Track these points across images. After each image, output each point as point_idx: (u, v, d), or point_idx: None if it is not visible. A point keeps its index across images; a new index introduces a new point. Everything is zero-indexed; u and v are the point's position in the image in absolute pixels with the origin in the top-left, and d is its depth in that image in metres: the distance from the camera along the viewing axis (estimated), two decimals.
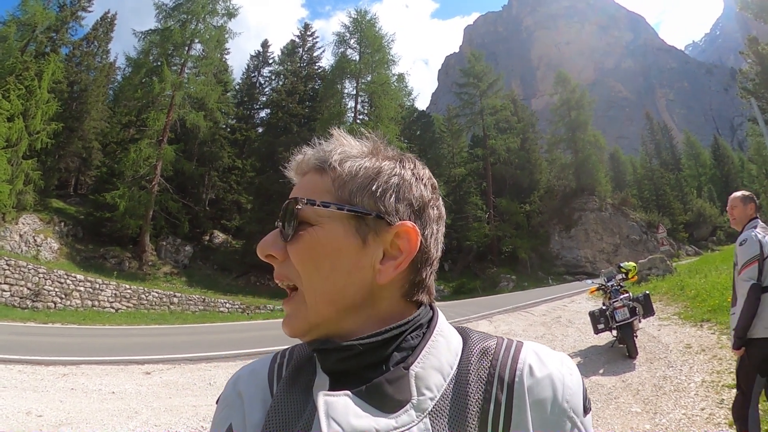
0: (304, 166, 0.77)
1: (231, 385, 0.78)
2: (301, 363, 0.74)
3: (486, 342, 0.72)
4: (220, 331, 15.70)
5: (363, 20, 37.87)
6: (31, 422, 5.59)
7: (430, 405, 0.64)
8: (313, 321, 0.69)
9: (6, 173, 22.10)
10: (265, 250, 0.72)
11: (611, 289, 9.19)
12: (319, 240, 0.69)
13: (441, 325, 0.73)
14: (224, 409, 0.76)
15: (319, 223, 0.70)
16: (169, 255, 30.15)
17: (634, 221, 46.14)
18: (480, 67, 48.18)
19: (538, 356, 0.70)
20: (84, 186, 36.63)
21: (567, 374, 0.69)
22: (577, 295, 19.09)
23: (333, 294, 0.69)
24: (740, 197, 3.77)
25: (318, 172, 0.74)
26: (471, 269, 40.03)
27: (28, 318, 16.20)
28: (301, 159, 0.77)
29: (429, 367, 0.66)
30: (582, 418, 0.68)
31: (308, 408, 0.65)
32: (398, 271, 0.70)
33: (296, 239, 0.70)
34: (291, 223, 0.70)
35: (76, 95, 35.16)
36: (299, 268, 0.69)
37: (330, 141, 0.77)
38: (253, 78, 45.49)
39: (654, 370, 7.06)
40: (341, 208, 0.69)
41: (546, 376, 0.67)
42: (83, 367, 8.59)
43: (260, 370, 0.77)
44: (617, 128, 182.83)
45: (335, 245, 0.69)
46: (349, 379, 0.65)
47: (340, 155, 0.73)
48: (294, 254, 0.70)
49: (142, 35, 31.83)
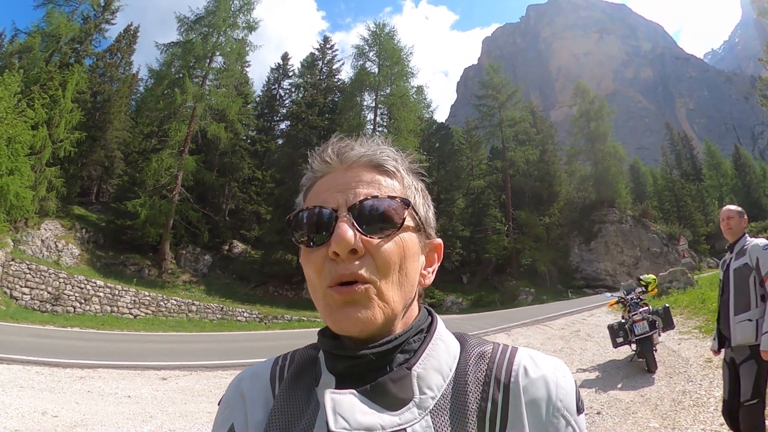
0: (354, 158, 0.76)
1: (233, 387, 0.80)
2: (303, 365, 0.77)
3: (483, 346, 0.76)
4: (237, 339, 15.70)
5: (382, 33, 38.12)
6: (47, 422, 5.60)
7: (432, 403, 0.66)
8: (388, 317, 0.69)
9: (29, 180, 22.48)
10: (351, 244, 0.67)
11: (631, 303, 9.06)
12: (406, 241, 0.72)
13: (440, 330, 0.76)
14: (226, 409, 0.77)
15: (403, 225, 0.72)
16: (188, 263, 30.38)
17: (655, 233, 45.46)
18: (498, 78, 48.11)
19: (532, 359, 0.73)
20: (106, 194, 37.22)
21: (560, 375, 0.72)
22: (597, 308, 18.86)
23: (406, 294, 0.72)
24: (737, 210, 4.03)
25: (381, 173, 0.75)
26: (490, 282, 39.70)
27: (47, 321, 16.38)
28: (350, 151, 0.76)
29: (430, 368, 0.70)
30: (576, 417, 0.70)
31: (311, 407, 0.68)
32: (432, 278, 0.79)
33: (388, 237, 0.70)
34: (377, 219, 0.70)
35: (99, 105, 35.78)
36: (385, 265, 0.69)
37: (370, 141, 0.79)
38: (274, 90, 45.90)
39: (673, 385, 6.92)
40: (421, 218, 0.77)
41: (540, 376, 0.70)
42: (100, 370, 8.63)
43: (262, 372, 0.79)
44: (637, 139, 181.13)
45: (415, 249, 0.74)
46: (353, 379, 0.68)
47: (400, 163, 0.78)
48: (384, 251, 0.69)
49: (164, 48, 32.45)
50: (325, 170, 0.77)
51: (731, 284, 3.86)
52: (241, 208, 37.65)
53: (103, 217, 30.21)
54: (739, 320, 3.73)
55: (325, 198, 0.73)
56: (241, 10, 34.22)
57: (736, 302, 3.78)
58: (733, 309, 3.79)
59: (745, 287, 3.76)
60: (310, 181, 0.79)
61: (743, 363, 3.71)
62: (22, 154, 21.96)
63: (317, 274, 0.70)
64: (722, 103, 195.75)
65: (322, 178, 0.77)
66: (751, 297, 3.71)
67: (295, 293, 30.95)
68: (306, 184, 0.80)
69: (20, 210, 21.81)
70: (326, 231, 0.69)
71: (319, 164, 0.78)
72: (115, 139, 35.47)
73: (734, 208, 4.05)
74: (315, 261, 0.70)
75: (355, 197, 0.71)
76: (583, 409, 0.73)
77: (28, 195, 21.94)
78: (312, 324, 21.63)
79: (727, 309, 3.85)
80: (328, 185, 0.75)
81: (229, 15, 33.33)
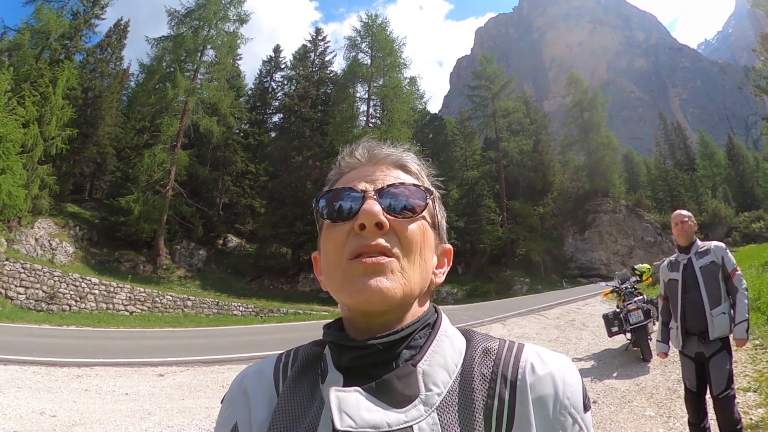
0: (382, 156, 0.81)
1: (236, 385, 0.80)
2: (306, 362, 0.76)
3: (489, 342, 0.75)
4: (233, 334, 15.71)
5: (374, 24, 37.87)
6: (45, 422, 5.61)
7: (438, 400, 0.66)
8: (407, 293, 0.71)
9: (22, 178, 22.32)
10: (378, 216, 0.71)
11: (625, 292, 9.14)
12: (426, 229, 0.76)
13: (445, 326, 0.76)
14: (229, 408, 0.77)
15: (425, 210, 0.76)
16: (183, 259, 30.33)
17: (649, 223, 45.58)
18: (492, 69, 47.91)
19: (539, 356, 0.73)
20: (99, 191, 37.03)
21: (567, 372, 0.72)
22: (592, 297, 18.98)
23: (423, 280, 0.75)
24: (689, 215, 4.23)
25: (406, 172, 0.81)
26: (484, 272, 39.75)
27: (43, 320, 16.33)
28: (378, 150, 0.82)
29: (435, 365, 0.70)
30: (582, 414, 0.70)
31: (315, 405, 0.68)
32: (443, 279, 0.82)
33: (411, 219, 0.74)
34: (403, 201, 0.74)
35: (91, 101, 35.49)
36: (408, 243, 0.72)
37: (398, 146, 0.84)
38: (266, 83, 45.77)
39: (668, 374, 7.01)
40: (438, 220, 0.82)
41: (547, 373, 0.70)
42: (97, 368, 8.64)
43: (266, 370, 0.79)
44: (631, 129, 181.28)
45: (431, 242, 0.78)
46: (359, 377, 0.68)
47: (423, 168, 0.84)
48: (409, 230, 0.73)
49: (155, 42, 32.26)
50: (353, 166, 0.81)
51: (700, 281, 4.05)
52: (235, 202, 37.60)
53: (97, 214, 30.08)
54: (717, 314, 3.93)
55: (353, 185, 0.76)
56: (231, 2, 33.97)
57: (709, 297, 3.98)
58: (708, 304, 3.96)
59: (715, 283, 4.03)
60: (336, 176, 0.83)
61: (714, 356, 3.88)
62: (13, 152, 21.78)
63: (338, 248, 0.72)
64: (716, 94, 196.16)
65: (350, 172, 0.81)
66: (722, 292, 4.01)
67: (291, 286, 31.01)
68: (333, 178, 0.84)
69: (13, 209, 21.67)
70: (353, 208, 0.73)
71: (348, 161, 0.82)
72: (107, 135, 35.19)
73: (686, 213, 4.24)
74: (337, 236, 0.73)
75: (383, 183, 0.76)
76: (590, 407, 0.74)
77: (21, 194, 21.81)
78: (308, 317, 21.66)
79: (701, 305, 3.99)
80: (355, 176, 0.79)
81: (219, 8, 33.10)
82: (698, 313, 3.99)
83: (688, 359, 4.11)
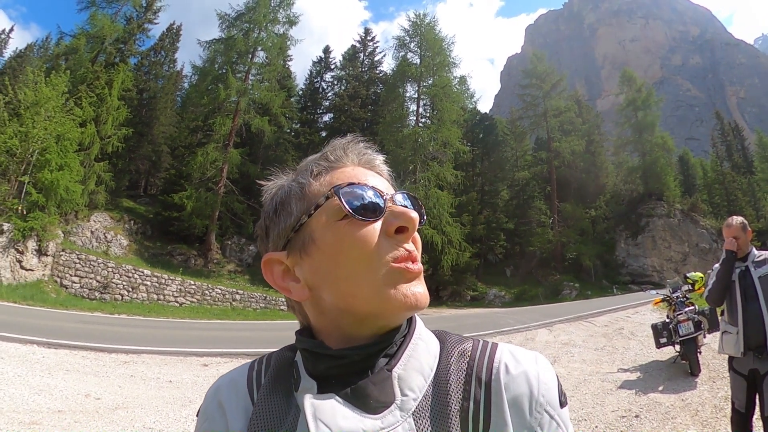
0: (381, 168, 0.79)
1: (211, 396, 0.78)
2: (279, 369, 0.75)
3: (463, 344, 0.74)
4: (278, 328, 15.80)
5: (422, 23, 37.80)
6: (90, 404, 5.70)
7: (414, 405, 0.65)
8: None
9: (79, 174, 23.26)
10: (417, 223, 0.71)
11: (676, 301, 8.72)
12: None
13: (420, 330, 0.75)
14: (205, 422, 0.76)
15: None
16: (233, 254, 30.89)
17: (704, 228, 43.29)
18: (542, 67, 46.91)
19: (512, 355, 0.72)
20: (153, 187, 38.24)
21: (541, 370, 0.71)
22: (642, 306, 18.24)
23: None
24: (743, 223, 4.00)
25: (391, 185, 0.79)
26: (533, 276, 38.98)
27: (95, 308, 16.92)
28: (378, 158, 0.80)
29: (411, 369, 0.68)
30: (559, 410, 0.70)
31: (291, 413, 0.67)
32: None
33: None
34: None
35: (146, 102, 36.75)
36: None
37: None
38: (316, 83, 46.17)
39: (716, 390, 6.59)
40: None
41: (521, 372, 0.69)
42: (144, 356, 8.80)
43: (239, 379, 0.77)
44: (686, 129, 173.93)
45: None
46: (334, 383, 0.67)
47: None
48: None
49: (207, 44, 33.23)
50: (346, 164, 0.76)
51: (760, 292, 3.69)
52: None
53: (151, 209, 31.04)
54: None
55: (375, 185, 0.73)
56: (281, 5, 34.55)
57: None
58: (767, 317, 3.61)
59: None
60: (323, 169, 0.75)
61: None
62: (70, 150, 22.71)
63: (372, 249, 0.68)
64: None
65: (344, 168, 0.75)
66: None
67: None
68: (317, 171, 0.75)
69: (70, 203, 22.54)
70: (379, 207, 0.70)
71: (339, 156, 0.77)
72: (161, 134, 36.36)
73: (738, 222, 4.01)
74: (367, 235, 0.68)
75: (394, 189, 0.76)
76: (566, 402, 0.72)
77: (78, 189, 22.67)
78: None
79: (761, 317, 3.63)
80: (361, 176, 0.74)
81: (269, 10, 33.73)
82: (758, 325, 3.63)
83: (739, 377, 3.77)
